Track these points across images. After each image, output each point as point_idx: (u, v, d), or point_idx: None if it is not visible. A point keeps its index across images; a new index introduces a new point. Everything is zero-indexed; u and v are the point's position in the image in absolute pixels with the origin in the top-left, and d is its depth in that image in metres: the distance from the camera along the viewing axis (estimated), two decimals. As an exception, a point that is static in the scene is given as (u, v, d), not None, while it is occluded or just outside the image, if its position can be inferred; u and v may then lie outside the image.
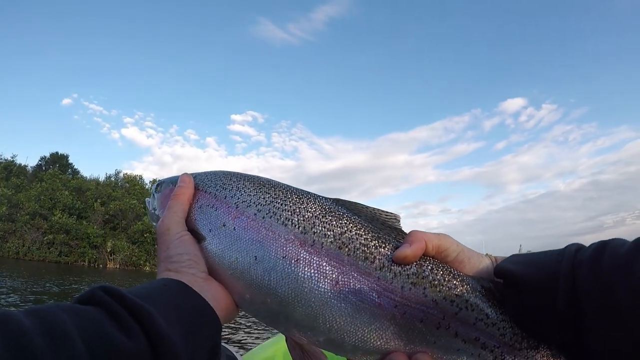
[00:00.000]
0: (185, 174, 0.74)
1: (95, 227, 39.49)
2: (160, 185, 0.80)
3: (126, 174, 50.71)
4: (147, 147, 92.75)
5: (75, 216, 39.97)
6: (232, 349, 2.13)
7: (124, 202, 42.22)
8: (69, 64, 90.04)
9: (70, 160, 53.05)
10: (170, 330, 0.45)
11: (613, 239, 0.52)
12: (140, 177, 51.14)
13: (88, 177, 49.60)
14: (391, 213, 0.68)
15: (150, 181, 52.30)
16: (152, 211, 0.80)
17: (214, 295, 0.59)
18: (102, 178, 50.38)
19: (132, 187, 47.43)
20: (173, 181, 0.76)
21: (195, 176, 0.75)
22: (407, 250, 0.60)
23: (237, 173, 0.74)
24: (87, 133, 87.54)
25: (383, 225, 0.67)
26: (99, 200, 42.67)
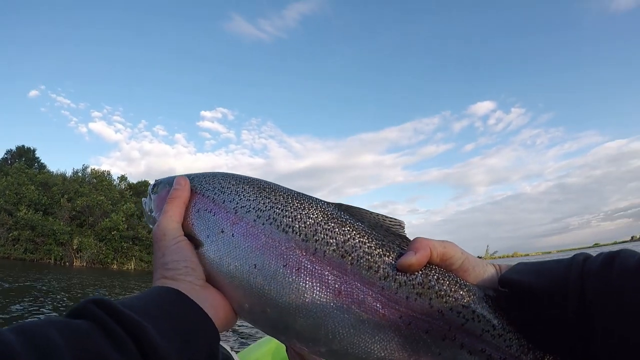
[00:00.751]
0: (182, 176, 0.72)
1: (61, 223, 39.27)
2: (156, 186, 0.78)
3: (94, 169, 50.24)
4: (115, 142, 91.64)
5: (41, 212, 39.65)
6: (227, 347, 2.19)
7: (92, 198, 42.00)
8: (36, 56, 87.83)
9: (37, 154, 52.38)
10: (164, 342, 0.44)
11: (622, 250, 0.52)
12: (108, 173, 50.72)
13: (55, 172, 48.95)
14: (395, 219, 0.66)
15: (118, 177, 52.19)
16: (149, 213, 0.78)
17: (212, 304, 0.58)
18: (69, 173, 49.77)
19: (100, 183, 47.13)
20: (170, 182, 0.73)
21: (193, 178, 0.72)
22: (412, 259, 0.58)
23: (236, 175, 0.72)
24: (54, 127, 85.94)
25: (387, 232, 0.65)
26: (65, 196, 42.29)
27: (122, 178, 52.42)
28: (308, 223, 0.61)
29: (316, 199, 0.67)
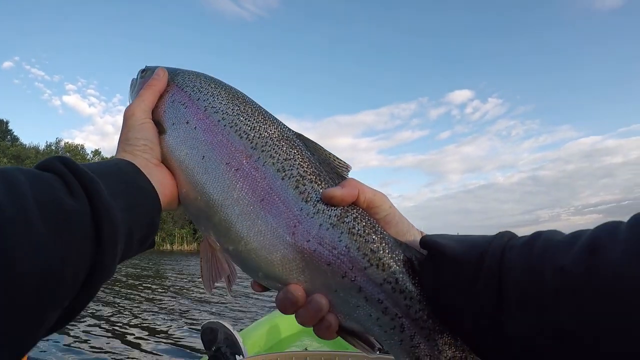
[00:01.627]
0: (162, 68, 0.76)
1: (34, 197, 39.67)
2: (145, 71, 0.80)
3: (67, 143, 50.52)
4: (89, 115, 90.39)
5: (13, 185, 39.94)
6: (229, 326, 2.27)
7: (65, 173, 42.40)
8: (10, 26, 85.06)
9: (10, 126, 51.97)
10: (111, 199, 0.48)
11: (548, 230, 0.50)
12: (82, 147, 51.00)
13: (28, 145, 48.92)
14: (343, 162, 0.68)
15: (91, 151, 52.30)
16: (131, 94, 0.84)
17: (161, 181, 0.62)
18: (42, 146, 49.87)
19: (74, 157, 46.98)
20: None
21: (179, 72, 0.76)
22: (337, 191, 0.59)
23: (217, 80, 0.75)
24: (28, 99, 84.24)
25: (331, 169, 0.66)
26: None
27: (96, 152, 52.65)
28: (262, 135, 0.66)
29: (281, 122, 0.71)
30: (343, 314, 0.60)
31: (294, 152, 0.65)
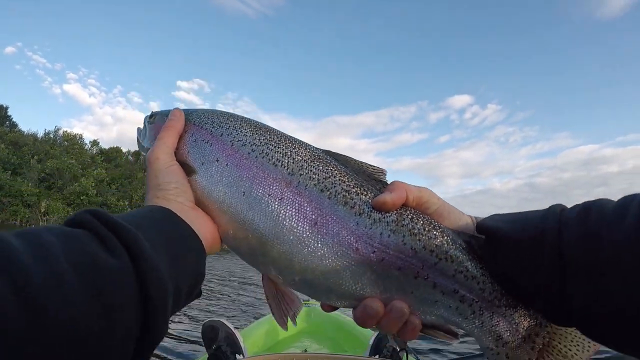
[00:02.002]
0: (177, 108, 0.75)
1: (29, 185, 39.54)
2: (153, 117, 0.79)
3: (66, 131, 50.19)
4: (88, 105, 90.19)
5: (10, 171, 39.79)
6: (230, 325, 2.28)
7: (62, 161, 42.22)
8: (14, 11, 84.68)
9: (9, 112, 51.73)
10: (154, 252, 0.45)
11: (598, 199, 0.52)
12: (80, 137, 50.72)
13: (26, 132, 48.63)
14: (377, 167, 0.68)
15: (90, 141, 52.13)
16: (141, 141, 0.81)
17: (201, 224, 0.60)
18: (40, 134, 49.63)
19: (72, 146, 47.19)
20: (166, 114, 0.76)
21: (192, 112, 0.76)
22: (387, 197, 0.60)
23: (233, 114, 0.75)
24: (28, 85, 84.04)
25: (368, 177, 0.67)
26: (35, 157, 42.40)
27: (94, 142, 52.56)
28: (296, 159, 0.65)
29: (307, 143, 0.71)
30: (423, 311, 0.61)
31: (331, 169, 0.66)
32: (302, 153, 0.67)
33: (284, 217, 0.61)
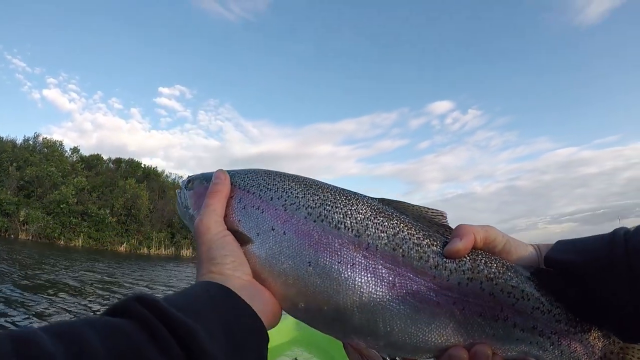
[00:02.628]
0: (221, 170, 0.71)
1: (8, 193, 38.61)
2: (191, 181, 0.76)
3: (45, 138, 49.06)
4: (68, 111, 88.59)
5: (-13, 179, 38.77)
6: None
7: (42, 169, 41.34)
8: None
9: (-14, 118, 50.52)
10: (214, 347, 0.41)
11: None
12: (61, 144, 49.61)
13: (5, 139, 47.47)
14: (437, 210, 0.67)
15: (70, 148, 51.21)
16: (184, 209, 0.75)
17: (261, 301, 0.56)
18: (19, 140, 48.45)
19: (52, 153, 46.21)
20: (207, 178, 0.72)
21: (234, 174, 0.71)
22: (459, 245, 0.60)
23: (278, 172, 0.71)
24: (7, 90, 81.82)
25: (430, 222, 0.66)
26: (14, 164, 41.44)
27: (75, 150, 51.60)
28: (358, 219, 0.62)
29: (361, 194, 0.67)
30: (504, 350, 0.63)
31: (396, 223, 0.64)
32: (362, 210, 0.64)
33: (360, 284, 0.59)
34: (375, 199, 0.68)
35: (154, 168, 56.52)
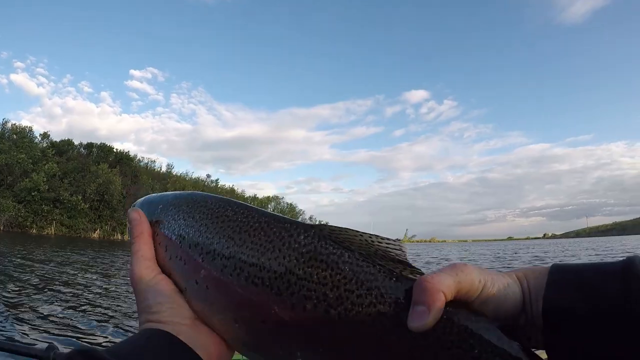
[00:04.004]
0: (133, 210, 0.65)
1: (-23, 182, 38.44)
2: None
3: (14, 124, 48.70)
4: (37, 96, 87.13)
5: (-45, 168, 38.54)
6: None
7: (11, 156, 41.24)
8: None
9: (-49, 105, 49.64)
10: None
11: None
12: (30, 129, 49.38)
13: (-29, 126, 46.92)
14: (393, 242, 0.51)
15: (40, 134, 50.83)
16: None
17: (203, 343, 0.52)
18: (-13, 128, 47.96)
19: (21, 139, 45.94)
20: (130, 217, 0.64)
21: (151, 208, 0.65)
22: (427, 320, 0.44)
23: (198, 202, 0.61)
24: (-28, 75, 79.67)
25: (383, 259, 0.50)
26: (-18, 152, 41.18)
27: (45, 135, 51.44)
28: (279, 272, 0.49)
29: (292, 226, 0.53)
30: None
31: (331, 275, 0.48)
32: (285, 257, 0.50)
33: (290, 346, 0.49)
34: (311, 231, 0.52)
35: (126, 153, 56.77)
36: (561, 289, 0.47)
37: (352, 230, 0.52)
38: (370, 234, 0.52)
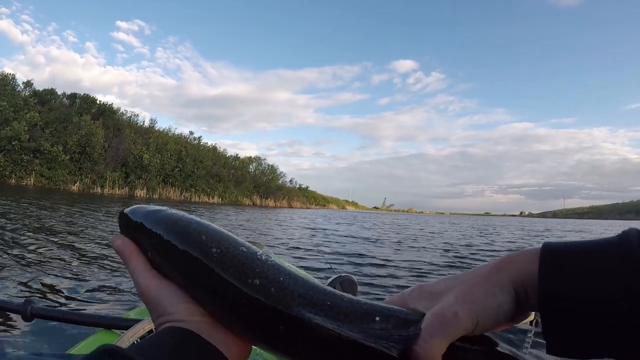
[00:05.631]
0: (116, 238, 0.62)
1: (-43, 128, 38.17)
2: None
3: (-4, 71, 47.63)
4: (21, 43, 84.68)
5: None
6: None
7: (-8, 103, 40.73)
8: None
9: None
10: None
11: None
12: (13, 77, 48.62)
13: (-49, 71, 45.85)
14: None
15: (22, 82, 49.97)
16: None
17: (224, 340, 0.51)
18: (-33, 73, 46.95)
19: (3, 87, 45.40)
20: (123, 224, 0.61)
21: (134, 226, 0.59)
22: None
23: (177, 230, 0.54)
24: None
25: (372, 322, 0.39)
26: (-38, 98, 40.62)
27: (28, 83, 50.77)
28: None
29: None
30: None
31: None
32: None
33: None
34: (291, 279, 0.44)
35: (109, 105, 56.40)
36: (556, 278, 0.42)
37: (338, 293, 0.43)
38: (352, 297, 0.42)
